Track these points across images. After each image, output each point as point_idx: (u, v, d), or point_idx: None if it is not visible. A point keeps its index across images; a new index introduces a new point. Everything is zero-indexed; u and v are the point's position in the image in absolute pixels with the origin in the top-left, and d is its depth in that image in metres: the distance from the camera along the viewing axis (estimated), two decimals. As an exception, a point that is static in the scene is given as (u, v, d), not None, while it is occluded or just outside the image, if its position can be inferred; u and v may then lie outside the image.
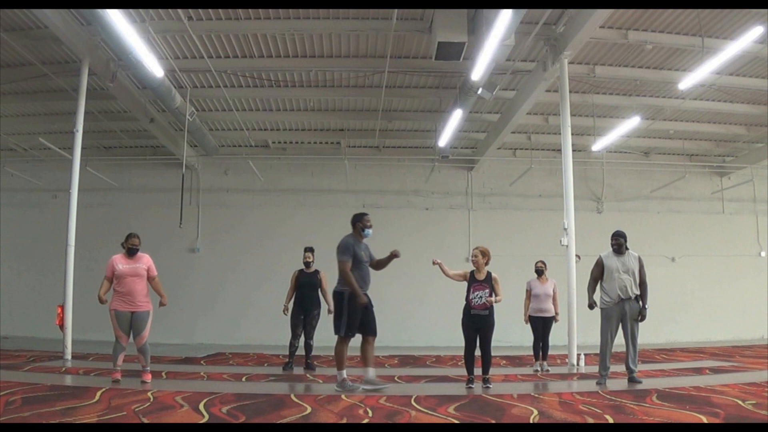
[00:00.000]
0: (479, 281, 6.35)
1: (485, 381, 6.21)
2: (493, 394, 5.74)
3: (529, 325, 8.44)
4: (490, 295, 6.26)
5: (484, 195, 15.12)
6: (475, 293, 6.30)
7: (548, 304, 8.30)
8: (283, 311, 8.28)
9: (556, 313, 8.37)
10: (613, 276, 6.49)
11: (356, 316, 6.00)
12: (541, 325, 8.28)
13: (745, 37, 7.71)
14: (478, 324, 6.27)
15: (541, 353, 8.23)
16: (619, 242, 6.59)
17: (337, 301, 6.11)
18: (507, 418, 4.46)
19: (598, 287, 6.71)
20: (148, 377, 6.38)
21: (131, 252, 6.47)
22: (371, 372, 6.09)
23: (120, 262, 6.38)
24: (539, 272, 8.47)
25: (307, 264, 8.32)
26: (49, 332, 10.68)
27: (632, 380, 6.47)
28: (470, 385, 6.25)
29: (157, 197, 14.52)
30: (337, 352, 6.03)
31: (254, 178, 14.61)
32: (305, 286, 8.21)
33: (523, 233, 14.24)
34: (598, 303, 6.66)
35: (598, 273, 6.65)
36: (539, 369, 8.08)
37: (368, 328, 6.12)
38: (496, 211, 14.91)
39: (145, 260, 6.56)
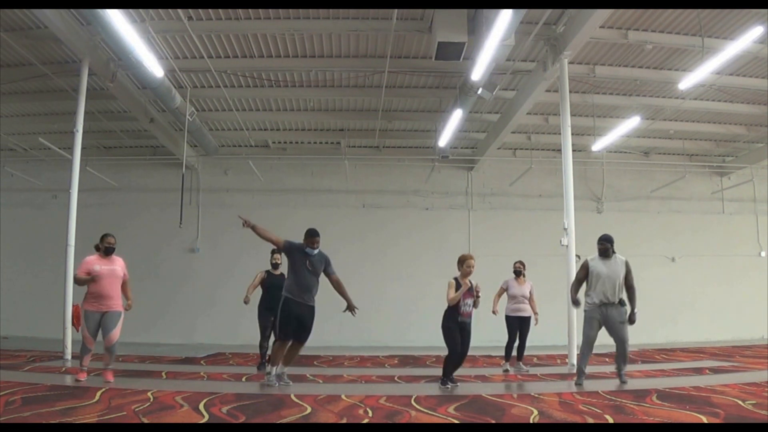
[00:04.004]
0: (469, 290, 6.36)
1: (453, 380, 6.31)
2: (493, 394, 5.74)
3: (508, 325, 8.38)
4: (475, 304, 6.32)
5: (484, 195, 15.13)
6: (465, 301, 6.32)
7: (525, 304, 8.25)
8: (244, 301, 8.15)
9: (535, 314, 8.28)
10: (598, 280, 6.44)
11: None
12: (517, 325, 8.20)
13: (745, 37, 7.70)
14: (463, 331, 6.31)
15: (517, 353, 8.16)
16: (605, 246, 6.51)
17: None
18: (507, 418, 4.45)
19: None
20: (111, 377, 6.29)
21: (108, 251, 6.42)
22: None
23: (97, 263, 6.32)
24: (518, 273, 8.41)
25: (275, 265, 8.25)
26: (49, 332, 10.67)
27: (620, 379, 6.44)
28: (455, 384, 6.31)
29: (157, 197, 14.52)
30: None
31: (254, 178, 14.61)
32: (273, 288, 7.99)
33: (523, 233, 14.24)
34: (582, 303, 6.63)
35: (583, 275, 6.62)
36: (509, 369, 7.99)
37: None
38: (496, 211, 14.92)
39: (120, 262, 6.51)
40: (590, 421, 4.34)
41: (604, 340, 6.65)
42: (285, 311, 6.28)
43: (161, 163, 14.50)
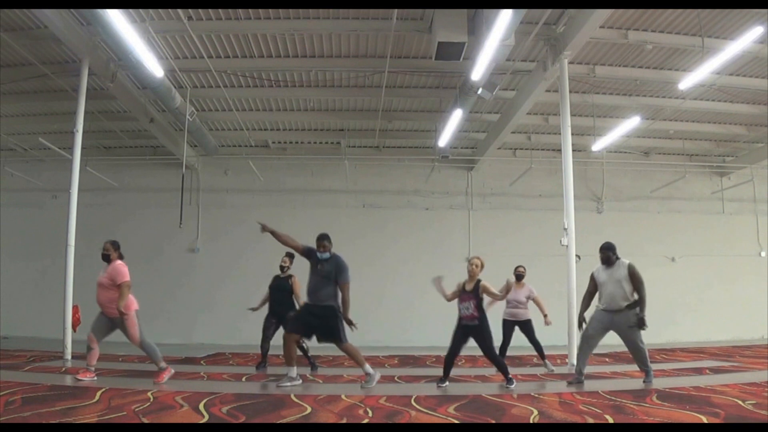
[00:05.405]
0: (466, 292, 6.35)
1: (508, 381, 6.29)
2: (493, 394, 5.74)
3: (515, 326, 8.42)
4: (476, 307, 6.25)
5: (484, 195, 15.13)
6: (461, 305, 6.33)
7: (519, 309, 8.28)
8: (250, 308, 8.52)
9: (544, 315, 8.24)
10: (602, 288, 6.48)
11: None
12: (513, 329, 8.28)
13: (745, 37, 7.71)
14: (469, 333, 6.30)
15: (538, 354, 8.23)
16: (606, 255, 6.50)
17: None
18: (507, 418, 4.45)
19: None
20: (159, 378, 6.28)
21: (102, 258, 6.47)
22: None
23: (101, 271, 6.45)
24: (519, 277, 8.40)
25: (282, 268, 8.27)
26: (49, 332, 10.66)
27: (646, 381, 6.46)
28: (441, 384, 6.32)
29: (157, 197, 14.52)
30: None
31: (254, 178, 14.61)
32: (275, 290, 8.19)
33: (523, 233, 14.25)
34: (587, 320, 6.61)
35: (592, 287, 6.63)
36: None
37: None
38: (496, 211, 14.92)
39: (112, 269, 6.34)
40: (590, 421, 4.33)
41: (605, 340, 6.64)
42: (300, 309, 6.69)
43: (161, 163, 14.50)
